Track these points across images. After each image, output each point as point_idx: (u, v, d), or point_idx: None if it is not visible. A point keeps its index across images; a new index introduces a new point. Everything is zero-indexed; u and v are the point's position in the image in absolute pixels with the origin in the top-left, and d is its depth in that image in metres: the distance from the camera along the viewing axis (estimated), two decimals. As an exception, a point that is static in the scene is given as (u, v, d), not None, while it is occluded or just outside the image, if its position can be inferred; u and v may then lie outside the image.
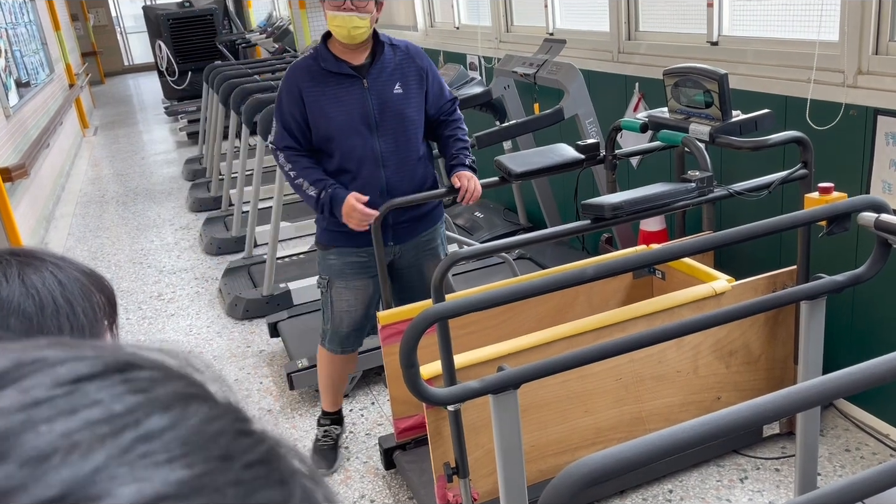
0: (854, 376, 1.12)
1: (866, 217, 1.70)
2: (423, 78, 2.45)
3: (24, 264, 0.73)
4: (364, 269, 2.52)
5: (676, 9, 3.35)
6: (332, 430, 2.80)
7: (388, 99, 2.38)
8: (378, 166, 2.41)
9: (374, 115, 2.37)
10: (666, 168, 3.27)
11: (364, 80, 2.37)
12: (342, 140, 2.37)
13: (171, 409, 0.26)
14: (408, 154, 2.44)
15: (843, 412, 2.67)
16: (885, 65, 2.35)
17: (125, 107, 12.69)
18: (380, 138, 2.39)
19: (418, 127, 2.46)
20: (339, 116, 2.36)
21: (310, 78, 2.37)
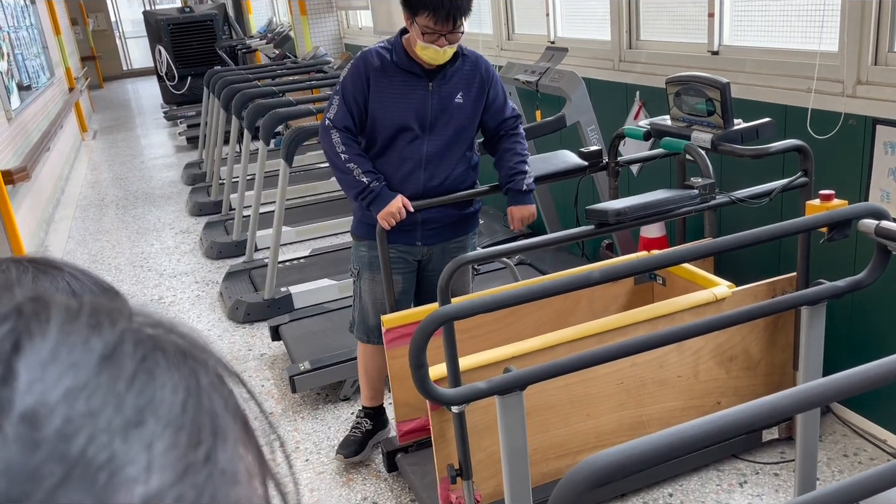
0: (852, 379, 1.14)
1: (867, 224, 1.73)
2: (485, 90, 2.47)
3: (40, 272, 0.75)
4: (394, 263, 2.54)
5: (677, 18, 3.39)
6: (364, 423, 2.78)
7: (448, 106, 2.41)
8: (420, 167, 2.44)
9: (431, 119, 2.41)
10: (665, 175, 3.30)
11: (430, 84, 2.40)
12: (394, 135, 2.41)
13: None
14: (451, 161, 2.48)
15: (841, 418, 2.70)
16: (884, 75, 2.39)
17: (124, 111, 12.71)
18: (429, 141, 2.43)
19: (468, 137, 2.50)
20: (398, 112, 2.39)
21: (381, 67, 2.39)
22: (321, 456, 2.83)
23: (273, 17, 10.92)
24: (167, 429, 0.25)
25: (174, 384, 0.26)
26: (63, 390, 0.24)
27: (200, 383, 0.27)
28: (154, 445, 0.24)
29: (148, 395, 0.25)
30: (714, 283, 2.52)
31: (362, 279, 2.61)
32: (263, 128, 4.34)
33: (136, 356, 0.26)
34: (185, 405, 0.26)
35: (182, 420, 0.25)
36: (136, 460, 0.24)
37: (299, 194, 5.92)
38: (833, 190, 2.07)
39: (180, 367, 0.27)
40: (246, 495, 0.27)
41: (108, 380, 0.25)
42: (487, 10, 4.90)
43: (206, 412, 0.26)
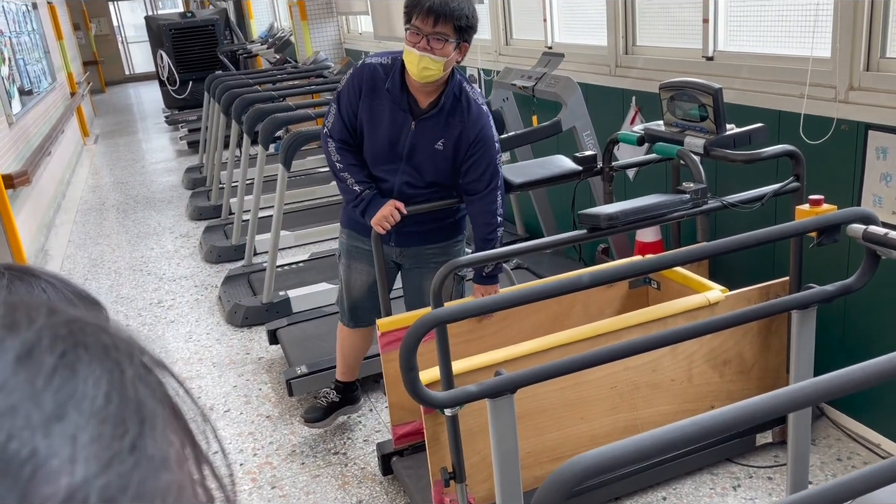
0: (840, 380, 1.16)
1: (855, 228, 1.74)
2: (465, 144, 2.35)
3: (16, 278, 0.75)
4: (366, 256, 2.61)
5: (673, 24, 3.41)
6: (331, 394, 2.92)
7: (425, 150, 2.37)
8: (394, 192, 2.46)
9: (404, 156, 2.40)
10: (662, 180, 3.31)
11: (413, 123, 2.34)
12: (372, 155, 2.45)
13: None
14: (429, 195, 2.46)
15: (834, 422, 2.71)
16: (876, 81, 2.40)
17: (126, 115, 12.75)
18: (401, 175, 2.43)
19: (448, 176, 2.43)
20: (373, 137, 2.40)
21: (372, 85, 2.36)
22: (317, 459, 2.84)
23: (274, 22, 10.96)
24: (90, 421, 0.25)
25: (96, 377, 0.27)
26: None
27: (125, 374, 0.28)
28: (77, 438, 0.25)
29: (69, 390, 0.26)
30: (708, 287, 2.53)
31: (342, 264, 2.71)
32: (262, 132, 4.36)
33: (54, 352, 0.26)
34: (109, 397, 0.26)
35: (106, 411, 0.26)
36: (60, 453, 0.24)
37: (298, 199, 5.94)
38: (826, 195, 2.09)
39: (102, 361, 0.27)
40: (177, 480, 0.27)
41: (26, 377, 0.25)
42: (486, 15, 4.92)
43: (130, 402, 0.27)
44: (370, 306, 2.69)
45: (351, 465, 2.79)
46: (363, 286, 2.67)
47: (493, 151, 2.40)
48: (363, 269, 2.64)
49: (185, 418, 0.31)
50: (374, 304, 2.68)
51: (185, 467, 0.29)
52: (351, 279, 2.68)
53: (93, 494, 0.24)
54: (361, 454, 2.85)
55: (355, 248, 2.63)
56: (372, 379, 3.22)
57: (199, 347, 3.88)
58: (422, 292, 2.61)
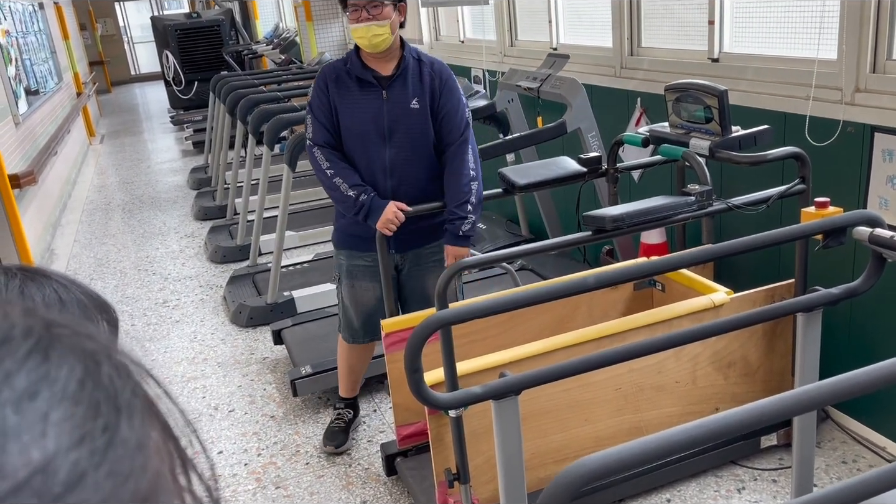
0: (845, 383, 1.16)
1: (861, 231, 1.74)
2: (436, 96, 2.47)
3: (28, 279, 0.76)
4: (369, 272, 2.61)
5: (678, 26, 3.40)
6: (345, 413, 2.93)
7: (404, 112, 2.44)
8: (385, 176, 2.48)
9: (387, 126, 2.44)
10: (667, 182, 3.31)
11: (384, 91, 2.44)
12: (354, 145, 2.46)
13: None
14: (417, 168, 2.49)
15: (840, 424, 2.70)
16: (882, 83, 2.40)
17: (131, 115, 12.79)
18: (390, 149, 2.45)
19: (432, 142, 2.51)
20: (354, 122, 2.44)
21: (336, 80, 2.47)
22: (321, 460, 2.85)
23: (279, 23, 10.97)
24: (63, 402, 0.26)
25: (70, 365, 0.27)
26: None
27: (100, 367, 0.28)
28: (49, 415, 0.26)
29: (41, 372, 0.26)
30: (713, 289, 2.53)
31: (342, 285, 2.69)
32: (268, 133, 4.37)
33: (28, 340, 0.27)
34: (83, 383, 0.27)
35: (79, 395, 0.27)
36: (32, 428, 0.25)
37: (303, 199, 5.95)
38: (831, 197, 2.08)
39: (77, 353, 0.28)
40: (154, 466, 0.28)
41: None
42: (491, 16, 4.92)
43: (105, 390, 0.28)
44: (372, 322, 2.69)
45: (355, 465, 2.79)
46: (371, 301, 2.65)
47: (462, 99, 2.54)
48: (368, 285, 2.63)
49: (167, 420, 0.31)
50: (375, 321, 2.67)
51: (163, 459, 0.29)
52: (357, 297, 2.66)
53: (63, 467, 0.25)
54: (365, 454, 2.85)
55: (356, 266, 2.62)
56: (376, 380, 3.22)
57: (204, 347, 3.89)
58: (425, 294, 2.62)
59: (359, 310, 2.68)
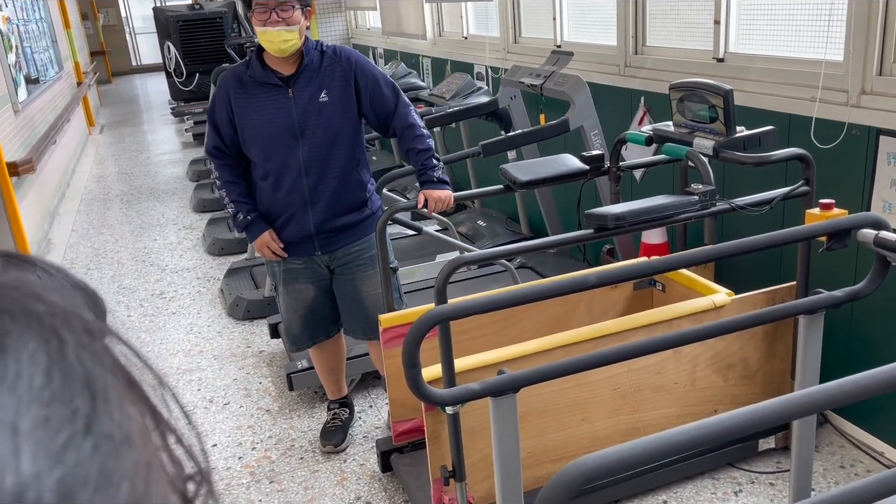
0: (846, 387, 1.14)
1: (866, 234, 1.72)
2: (350, 82, 2.41)
3: (10, 264, 0.73)
4: (299, 274, 2.59)
5: (683, 25, 3.38)
6: (341, 412, 2.92)
7: (314, 108, 2.38)
8: (301, 175, 2.43)
9: (298, 124, 2.38)
10: (669, 182, 3.29)
11: (289, 90, 2.38)
12: (266, 148, 2.41)
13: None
14: (335, 162, 2.45)
15: (838, 429, 2.69)
16: (888, 86, 2.38)
17: (132, 106, 12.75)
18: (303, 147, 2.40)
19: (348, 134, 2.45)
20: (264, 125, 2.38)
21: (239, 85, 2.40)
22: (316, 454, 2.83)
23: (282, 16, 10.94)
24: (32, 404, 0.22)
25: (30, 352, 0.23)
26: None
27: (65, 344, 0.24)
28: (18, 426, 0.21)
29: (0, 372, 0.22)
30: (713, 290, 2.51)
31: (279, 294, 2.66)
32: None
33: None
34: (49, 373, 0.23)
35: (49, 391, 0.22)
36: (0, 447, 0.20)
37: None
38: (835, 199, 2.07)
39: (36, 331, 0.23)
40: (143, 458, 0.24)
41: None
42: (495, 12, 4.90)
43: (76, 376, 0.23)
44: (323, 316, 2.66)
45: (350, 461, 2.78)
46: (308, 300, 2.62)
47: (378, 70, 2.50)
48: (304, 286, 2.60)
49: (141, 386, 0.27)
50: (325, 314, 2.66)
51: (149, 441, 0.25)
52: (295, 302, 2.63)
53: (46, 491, 0.20)
54: (361, 450, 2.83)
55: (290, 270, 2.59)
56: (373, 375, 3.20)
57: (200, 339, 3.87)
58: (358, 295, 2.61)
59: (298, 313, 2.64)
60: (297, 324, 2.67)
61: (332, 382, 2.90)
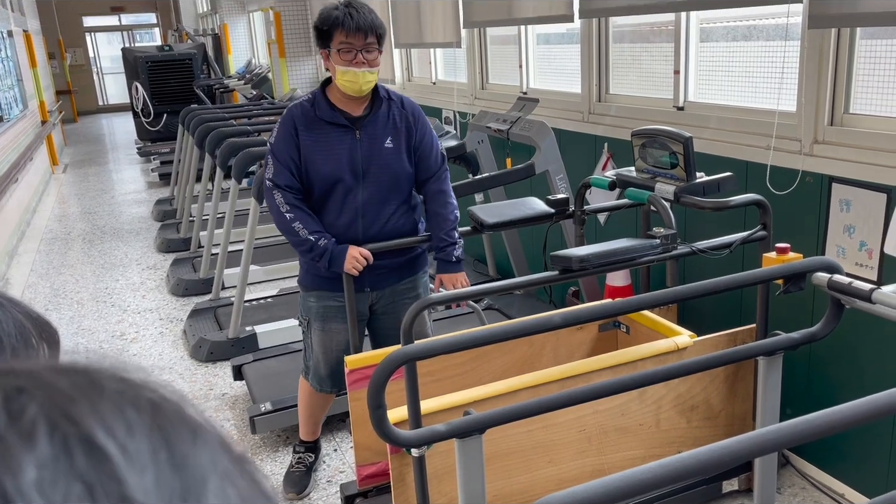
0: (806, 425, 1.16)
1: (820, 277, 1.77)
2: (413, 134, 2.47)
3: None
4: (342, 313, 2.54)
5: (645, 75, 3.49)
6: (306, 457, 2.86)
7: (378, 152, 2.42)
8: (357, 217, 2.45)
9: (361, 166, 2.41)
10: (632, 225, 3.36)
11: (357, 132, 2.41)
12: (327, 187, 2.42)
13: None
14: (389, 206, 2.48)
15: (800, 471, 2.72)
16: (839, 136, 2.48)
17: (97, 146, 12.64)
18: (364, 189, 2.43)
19: (406, 180, 2.50)
20: (328, 164, 2.39)
21: (305, 123, 2.41)
22: (280, 499, 2.77)
23: (252, 59, 11.03)
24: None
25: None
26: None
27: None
28: None
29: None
30: (676, 332, 2.55)
31: (312, 330, 2.60)
32: (236, 166, 4.35)
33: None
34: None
35: None
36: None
37: (269, 234, 5.90)
38: (792, 244, 2.13)
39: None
40: None
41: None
42: (463, 59, 5.01)
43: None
44: (340, 370, 2.60)
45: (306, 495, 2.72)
46: (342, 345, 2.58)
47: (433, 132, 2.57)
48: (340, 328, 2.56)
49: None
50: (343, 368, 2.62)
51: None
52: (329, 342, 2.58)
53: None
54: (324, 495, 2.78)
55: (328, 307, 2.55)
56: (337, 418, 3.16)
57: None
58: (398, 334, 2.59)
59: (330, 356, 2.59)
60: (326, 367, 2.61)
61: (311, 424, 2.84)
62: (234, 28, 11.95)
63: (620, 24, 3.61)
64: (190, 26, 14.62)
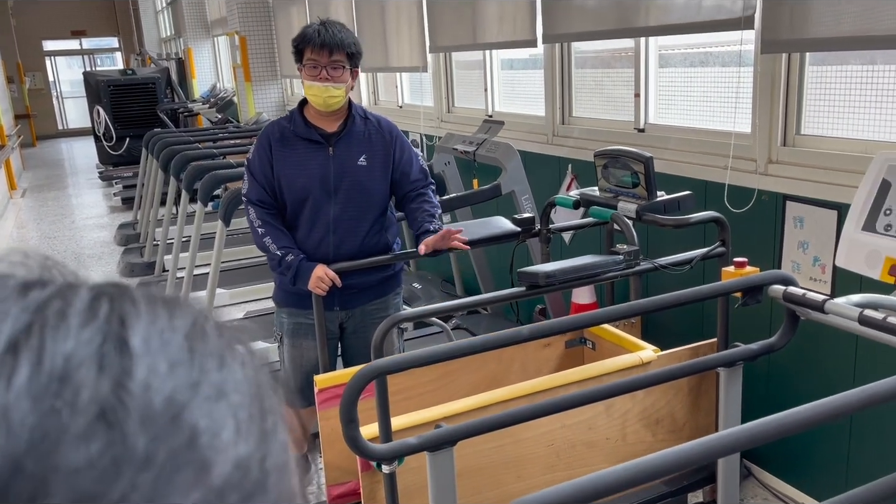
0: (763, 426, 1.21)
1: (776, 289, 1.84)
2: (390, 152, 2.50)
3: None
4: (312, 331, 2.55)
5: (606, 98, 3.60)
6: None
7: (351, 169, 2.45)
8: (328, 231, 2.47)
9: (333, 184, 2.44)
10: (596, 243, 3.43)
11: (330, 148, 2.45)
12: (299, 202, 2.45)
13: None
14: (361, 223, 2.50)
15: (762, 482, 2.78)
16: (792, 155, 2.58)
17: (57, 170, 12.44)
18: (335, 204, 2.45)
19: (379, 199, 2.52)
20: (300, 180, 2.43)
21: (280, 139, 2.46)
22: None
23: (217, 83, 11.01)
24: (244, 400, 0.28)
25: (241, 362, 0.29)
26: (166, 364, 0.26)
27: (250, 365, 0.30)
28: (238, 415, 0.27)
29: (226, 372, 0.28)
30: (641, 347, 2.61)
31: (284, 345, 2.63)
32: (202, 189, 4.34)
33: (217, 336, 0.29)
34: (252, 381, 0.29)
35: (252, 394, 0.29)
36: (227, 426, 0.26)
37: (235, 257, 5.86)
38: (749, 259, 2.20)
39: (237, 349, 0.30)
40: (293, 458, 0.30)
41: (199, 356, 0.28)
42: (429, 83, 5.08)
43: (259, 387, 0.30)
44: (312, 385, 2.64)
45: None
46: (314, 361, 2.60)
47: (413, 150, 2.62)
48: (310, 345, 2.58)
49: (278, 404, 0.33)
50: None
51: (292, 450, 0.32)
52: (299, 358, 2.61)
53: (253, 467, 0.27)
54: (294, 517, 2.76)
55: (300, 324, 2.58)
56: (306, 439, 3.14)
57: (125, 407, 3.72)
58: (368, 353, 2.61)
59: (298, 372, 2.62)
60: (295, 383, 2.63)
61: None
62: (199, 52, 11.93)
63: (583, 49, 3.71)
64: (153, 50, 14.55)
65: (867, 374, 2.38)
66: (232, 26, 8.32)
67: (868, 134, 2.42)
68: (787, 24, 2.37)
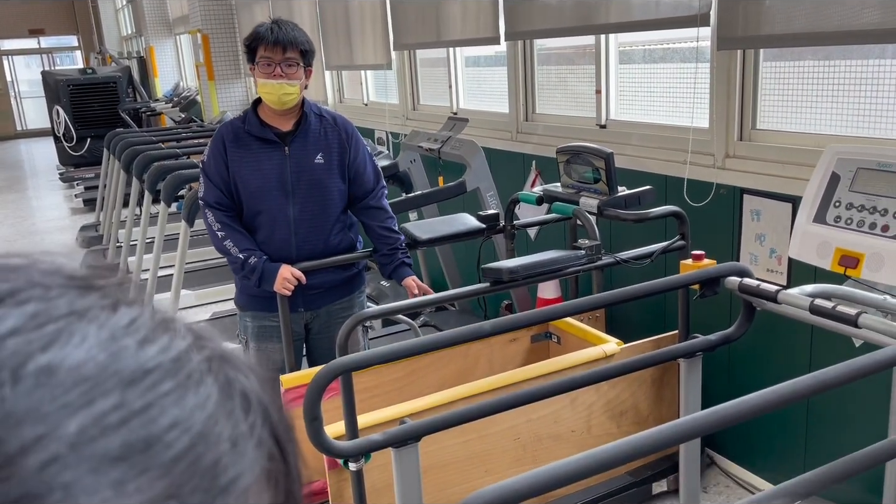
0: (722, 412, 1.25)
1: (732, 281, 1.89)
2: (346, 149, 2.50)
3: None
4: (277, 332, 2.54)
5: (569, 95, 3.63)
6: None
7: (307, 167, 2.44)
8: (290, 232, 2.46)
9: (290, 183, 2.43)
10: (560, 240, 3.46)
11: (286, 147, 2.43)
12: (257, 203, 2.43)
13: None
14: (323, 222, 2.50)
15: (725, 470, 2.84)
16: (749, 150, 2.64)
17: (15, 172, 12.17)
18: (294, 204, 2.44)
19: (339, 196, 2.52)
20: (257, 180, 2.41)
21: (234, 139, 2.44)
22: None
23: (180, 82, 10.86)
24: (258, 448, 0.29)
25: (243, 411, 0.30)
26: (203, 416, 0.27)
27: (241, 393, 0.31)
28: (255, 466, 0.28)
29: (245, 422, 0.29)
30: (604, 340, 2.65)
31: (248, 349, 2.61)
32: (165, 189, 4.29)
33: (239, 389, 0.30)
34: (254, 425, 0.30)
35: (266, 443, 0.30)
36: (251, 471, 0.28)
37: (199, 258, 5.80)
38: (708, 252, 2.25)
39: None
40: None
41: (225, 410, 0.28)
42: (394, 81, 5.08)
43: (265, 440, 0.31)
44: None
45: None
46: (278, 364, 2.59)
47: (367, 150, 2.62)
48: (276, 348, 2.57)
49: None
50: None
51: None
52: (266, 361, 2.59)
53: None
54: (262, 517, 2.75)
55: (264, 327, 2.57)
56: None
57: (89, 411, 3.67)
58: (334, 354, 2.61)
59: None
60: None
61: None
62: (161, 50, 11.75)
63: (546, 46, 3.75)
64: (114, 49, 14.30)
65: (823, 362, 2.44)
66: (194, 24, 8.22)
67: (821, 128, 2.48)
68: (741, 22, 2.42)
